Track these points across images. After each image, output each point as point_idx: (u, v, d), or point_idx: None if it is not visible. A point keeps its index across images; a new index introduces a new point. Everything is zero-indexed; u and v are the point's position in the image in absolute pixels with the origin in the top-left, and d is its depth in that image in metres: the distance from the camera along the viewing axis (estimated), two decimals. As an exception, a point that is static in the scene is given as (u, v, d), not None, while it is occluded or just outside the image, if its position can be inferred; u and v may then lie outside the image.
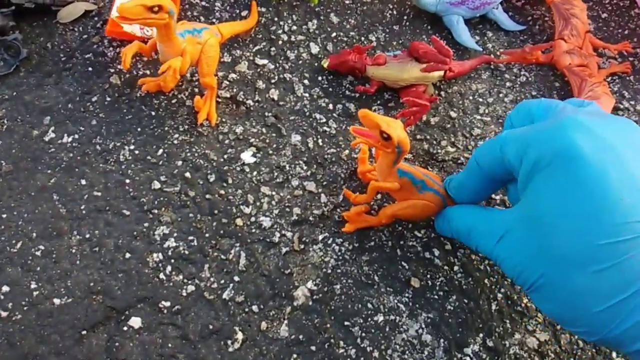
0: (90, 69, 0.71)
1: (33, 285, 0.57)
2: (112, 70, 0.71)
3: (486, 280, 0.59)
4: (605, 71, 0.73)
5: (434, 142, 0.68)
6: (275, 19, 0.77)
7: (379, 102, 0.71)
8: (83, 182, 0.63)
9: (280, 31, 0.76)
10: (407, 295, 0.58)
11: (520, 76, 0.74)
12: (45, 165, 0.64)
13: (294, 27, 0.76)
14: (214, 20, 0.75)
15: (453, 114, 0.70)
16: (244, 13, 0.76)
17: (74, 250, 0.59)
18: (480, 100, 0.71)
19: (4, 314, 0.55)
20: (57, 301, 0.56)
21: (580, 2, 0.76)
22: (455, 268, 0.60)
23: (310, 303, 0.57)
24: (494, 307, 0.58)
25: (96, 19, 0.75)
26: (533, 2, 0.80)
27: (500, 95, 0.72)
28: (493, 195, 0.65)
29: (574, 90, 0.69)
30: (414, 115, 0.65)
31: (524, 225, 0.42)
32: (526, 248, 0.42)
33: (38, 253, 0.58)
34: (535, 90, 0.73)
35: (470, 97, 0.71)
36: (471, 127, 0.69)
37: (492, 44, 0.76)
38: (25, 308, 0.56)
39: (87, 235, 0.60)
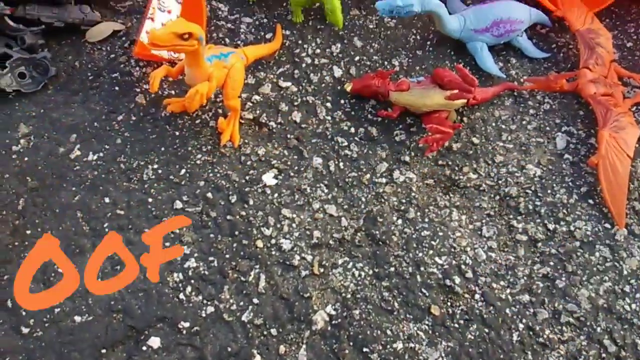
0: (116, 88, 0.72)
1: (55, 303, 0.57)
2: (137, 90, 0.72)
3: (507, 310, 0.58)
4: (630, 100, 0.72)
5: (456, 168, 0.67)
6: (300, 41, 0.77)
7: (401, 126, 0.70)
8: (107, 200, 0.63)
9: (304, 54, 0.76)
10: (426, 322, 0.58)
11: (544, 104, 0.73)
12: (70, 183, 0.64)
13: (318, 50, 0.76)
14: (238, 42, 0.76)
15: (475, 140, 0.69)
16: (268, 35, 0.77)
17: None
18: (503, 127, 0.71)
19: (25, 330, 0.56)
20: (77, 319, 0.56)
21: (605, 31, 0.76)
22: (476, 296, 0.59)
23: (329, 328, 0.57)
24: (515, 337, 0.57)
25: (124, 39, 0.76)
26: (557, 30, 0.80)
27: (524, 122, 0.71)
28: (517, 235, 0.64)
29: (599, 120, 0.68)
30: (436, 142, 0.65)
31: None
32: None
33: (61, 270, 0.59)
34: (559, 118, 0.72)
35: (493, 124, 0.71)
36: (493, 154, 0.69)
37: (515, 70, 0.76)
38: (46, 325, 0.56)
39: (109, 254, 0.60)
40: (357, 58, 0.76)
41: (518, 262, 0.61)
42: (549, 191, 0.65)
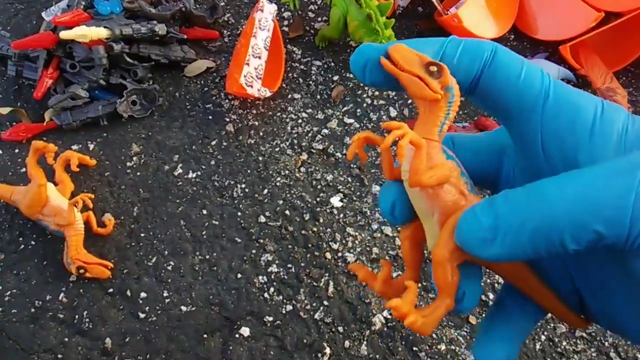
0: (209, 117, 0.82)
1: (165, 294, 0.68)
2: (227, 119, 0.82)
3: (531, 323, 0.68)
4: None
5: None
6: (361, 84, 0.87)
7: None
8: (204, 212, 0.74)
9: (365, 95, 0.86)
10: (465, 329, 0.67)
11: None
12: (174, 195, 0.75)
13: (377, 93, 0.87)
14: (310, 82, 0.87)
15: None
16: (335, 77, 0.88)
17: (196, 268, 0.70)
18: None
19: (142, 315, 0.66)
20: (184, 308, 0.67)
21: (622, 90, 0.85)
22: (506, 310, 0.69)
23: (385, 329, 0.67)
24: (538, 346, 0.67)
25: (214, 74, 0.87)
26: (581, 85, 0.90)
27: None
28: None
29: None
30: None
31: None
32: None
33: (169, 267, 0.70)
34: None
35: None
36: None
37: (544, 119, 0.86)
38: (158, 312, 0.67)
39: (207, 256, 0.71)
40: (409, 101, 0.87)
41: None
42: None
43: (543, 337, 0.67)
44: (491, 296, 0.70)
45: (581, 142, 0.24)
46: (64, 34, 0.75)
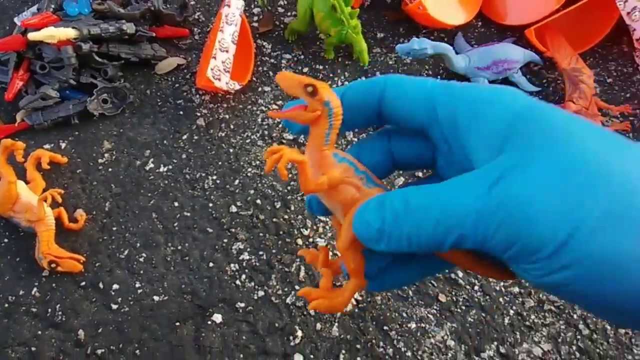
0: (180, 112, 0.83)
1: (137, 285, 0.68)
2: (198, 114, 0.83)
3: (501, 299, 0.69)
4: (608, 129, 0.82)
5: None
6: (331, 74, 0.88)
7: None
8: (176, 204, 0.75)
9: (334, 85, 0.87)
10: (435, 307, 0.68)
11: (535, 130, 0.84)
12: (145, 190, 0.76)
13: (346, 82, 0.87)
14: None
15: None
16: (305, 69, 0.88)
17: (168, 259, 0.70)
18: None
19: (115, 306, 0.67)
20: (156, 298, 0.67)
21: (587, 70, 0.86)
22: (476, 287, 0.69)
23: (357, 310, 0.67)
24: (507, 321, 0.67)
25: (185, 71, 0.88)
26: (548, 68, 0.90)
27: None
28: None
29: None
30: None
31: None
32: None
33: (141, 259, 0.70)
34: (547, 142, 0.82)
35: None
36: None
37: (511, 102, 0.86)
38: (131, 302, 0.67)
39: (179, 247, 0.71)
40: (378, 89, 0.87)
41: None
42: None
43: (512, 312, 0.67)
44: (460, 274, 0.70)
45: (473, 141, 0.26)
46: (33, 36, 0.76)
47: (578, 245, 0.22)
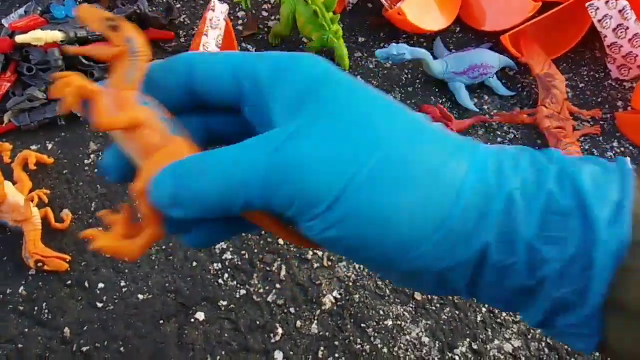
0: (166, 114, 0.84)
1: (122, 284, 0.69)
2: (183, 116, 0.84)
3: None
4: (579, 133, 0.84)
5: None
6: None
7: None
8: (160, 204, 0.75)
9: (316, 89, 0.88)
10: (411, 305, 0.70)
11: (510, 133, 0.86)
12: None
13: (328, 86, 0.89)
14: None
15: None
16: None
17: (153, 258, 0.71)
18: (476, 152, 0.83)
19: (100, 305, 0.68)
20: (140, 297, 0.68)
21: (560, 75, 0.88)
22: (450, 286, 0.71)
23: (335, 308, 0.69)
24: (479, 318, 0.69)
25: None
26: (522, 73, 0.93)
27: (492, 148, 0.84)
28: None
29: (551, 148, 0.80)
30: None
31: None
32: None
33: (126, 259, 0.71)
34: (521, 144, 0.84)
35: (468, 150, 0.83)
36: (467, 174, 0.81)
37: (487, 106, 0.89)
38: (116, 301, 0.68)
39: (164, 247, 0.72)
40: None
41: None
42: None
43: (484, 310, 0.70)
44: (435, 273, 0.72)
45: (274, 108, 0.26)
46: (20, 38, 0.76)
47: (348, 200, 0.23)
